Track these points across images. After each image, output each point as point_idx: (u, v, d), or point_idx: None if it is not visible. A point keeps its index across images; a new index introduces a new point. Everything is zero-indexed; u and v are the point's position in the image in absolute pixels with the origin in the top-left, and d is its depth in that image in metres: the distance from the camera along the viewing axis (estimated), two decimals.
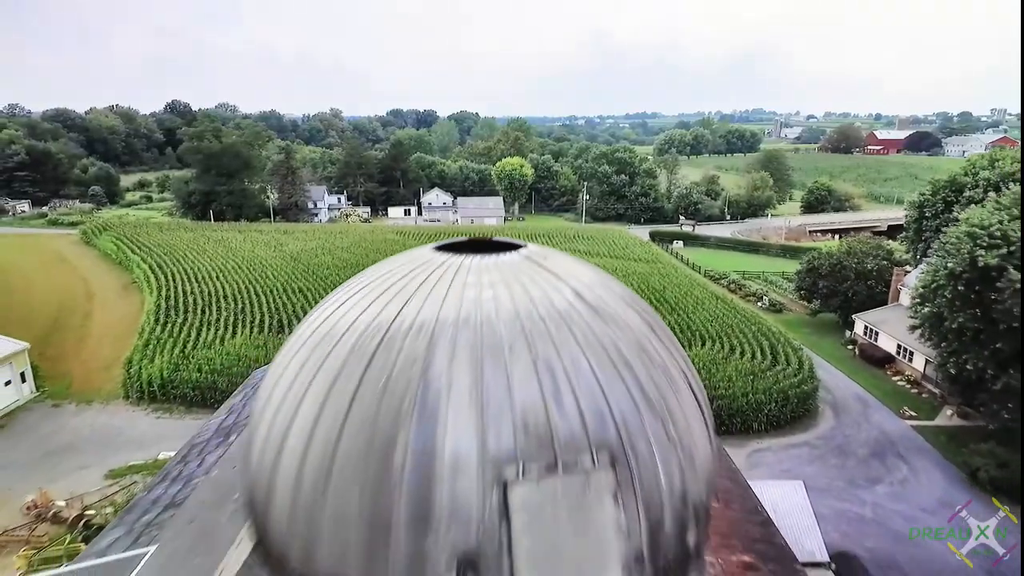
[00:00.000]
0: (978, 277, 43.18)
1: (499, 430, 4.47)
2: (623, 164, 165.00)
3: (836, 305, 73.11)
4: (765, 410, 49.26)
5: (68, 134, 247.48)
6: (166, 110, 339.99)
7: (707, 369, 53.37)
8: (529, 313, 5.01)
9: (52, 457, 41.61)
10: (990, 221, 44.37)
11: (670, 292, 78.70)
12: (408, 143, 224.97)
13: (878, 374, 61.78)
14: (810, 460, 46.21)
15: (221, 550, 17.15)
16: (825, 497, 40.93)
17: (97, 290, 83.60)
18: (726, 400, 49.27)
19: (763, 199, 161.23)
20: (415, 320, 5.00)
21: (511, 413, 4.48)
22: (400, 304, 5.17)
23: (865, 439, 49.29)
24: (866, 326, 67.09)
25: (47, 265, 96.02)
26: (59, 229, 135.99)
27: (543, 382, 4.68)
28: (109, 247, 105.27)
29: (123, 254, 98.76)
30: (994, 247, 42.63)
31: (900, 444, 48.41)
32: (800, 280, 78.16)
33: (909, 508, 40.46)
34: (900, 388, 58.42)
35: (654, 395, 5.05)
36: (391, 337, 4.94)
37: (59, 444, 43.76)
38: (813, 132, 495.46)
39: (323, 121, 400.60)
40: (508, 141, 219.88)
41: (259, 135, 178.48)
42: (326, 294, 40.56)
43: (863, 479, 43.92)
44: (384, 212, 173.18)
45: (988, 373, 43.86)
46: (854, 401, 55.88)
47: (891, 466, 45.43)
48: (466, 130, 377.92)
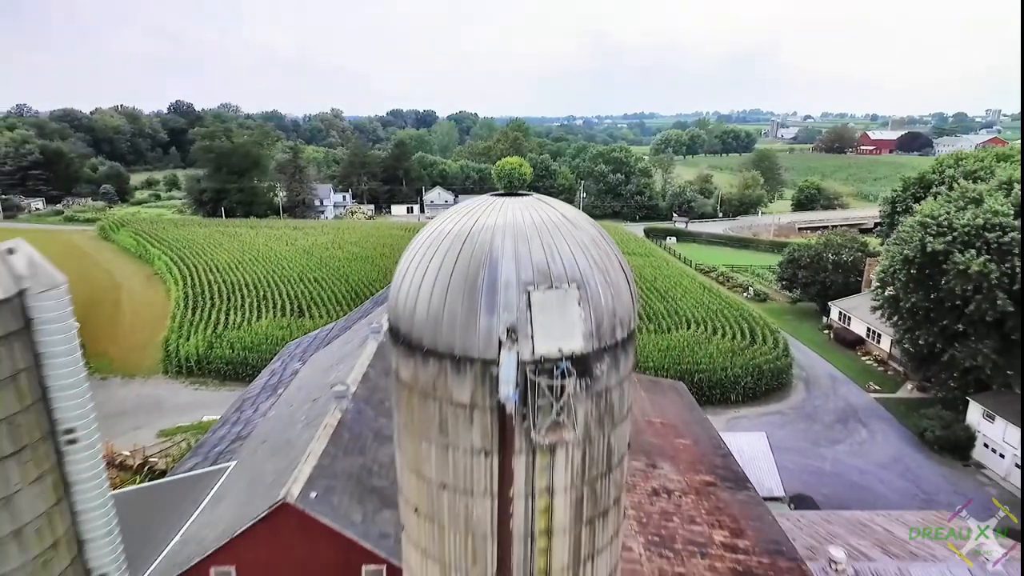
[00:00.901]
0: (928, 261, 48.73)
1: (526, 270, 9.83)
2: (619, 163, 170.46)
3: (814, 293, 78.64)
4: (742, 383, 54.75)
5: (75, 134, 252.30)
6: (170, 110, 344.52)
7: (690, 348, 58.92)
8: (537, 221, 10.41)
9: (108, 420, 46.92)
10: (939, 212, 49.99)
11: (660, 282, 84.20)
12: (410, 143, 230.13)
13: (850, 355, 67.32)
14: (781, 425, 51.69)
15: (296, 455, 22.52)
16: (792, 455, 46.44)
17: (122, 280, 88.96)
18: (707, 374, 54.81)
19: (754, 197, 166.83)
20: (484, 225, 10.33)
21: (530, 263, 9.84)
22: (475, 218, 10.55)
23: (832, 409, 54.84)
24: (840, 312, 72.64)
25: (71, 258, 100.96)
26: (75, 225, 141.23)
27: (546, 251, 10.03)
28: (128, 242, 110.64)
29: (143, 248, 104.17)
30: (941, 235, 48.20)
31: (862, 413, 53.96)
32: (782, 271, 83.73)
33: (864, 463, 45.98)
34: (868, 366, 63.97)
35: (600, 261, 10.40)
36: (472, 233, 10.26)
37: (112, 410, 49.15)
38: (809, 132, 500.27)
39: (324, 121, 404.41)
40: (507, 141, 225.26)
41: (267, 135, 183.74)
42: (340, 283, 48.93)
43: (826, 440, 49.47)
44: (387, 209, 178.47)
45: (937, 347, 49.50)
46: (825, 378, 61.43)
47: (852, 430, 50.98)
48: (465, 130, 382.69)
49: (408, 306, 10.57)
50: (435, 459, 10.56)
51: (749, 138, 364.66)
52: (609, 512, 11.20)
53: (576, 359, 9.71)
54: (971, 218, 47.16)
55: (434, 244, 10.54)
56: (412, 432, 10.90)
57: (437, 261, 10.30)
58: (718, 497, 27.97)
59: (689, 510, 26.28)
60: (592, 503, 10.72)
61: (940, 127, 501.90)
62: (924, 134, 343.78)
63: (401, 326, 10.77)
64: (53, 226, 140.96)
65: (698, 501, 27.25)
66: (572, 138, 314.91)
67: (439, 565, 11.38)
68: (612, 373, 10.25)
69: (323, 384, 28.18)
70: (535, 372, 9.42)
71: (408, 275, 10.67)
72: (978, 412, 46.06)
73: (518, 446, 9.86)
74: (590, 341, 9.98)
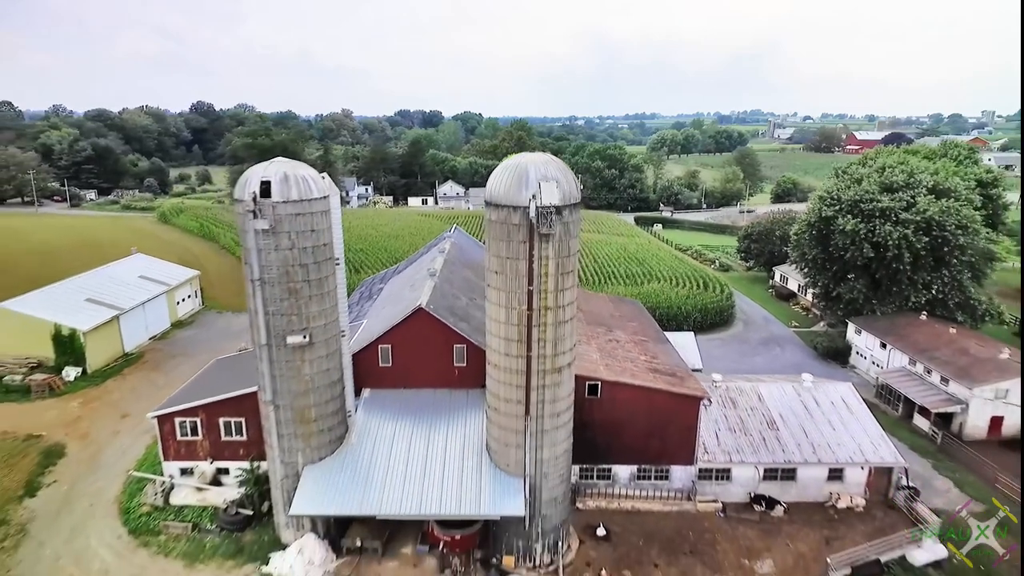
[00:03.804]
0: (823, 225, 67.39)
1: (538, 174, 28.64)
2: (614, 160, 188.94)
3: (763, 262, 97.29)
4: (692, 317, 73.46)
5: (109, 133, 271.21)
6: (192, 110, 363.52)
7: (656, 295, 77.60)
8: (543, 160, 29.37)
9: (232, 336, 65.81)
10: (832, 189, 68.71)
11: (640, 254, 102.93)
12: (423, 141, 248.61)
13: (784, 305, 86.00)
14: (720, 346, 70.27)
15: (416, 295, 41.72)
16: (725, 362, 64.80)
17: (199, 252, 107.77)
18: (669, 311, 73.48)
19: (735, 191, 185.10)
20: (523, 159, 29.52)
21: (539, 172, 28.60)
22: (522, 157, 29.74)
23: (759, 337, 73.52)
24: (780, 274, 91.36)
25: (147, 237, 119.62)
26: (132, 213, 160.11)
27: (545, 168, 28.98)
28: (192, 225, 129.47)
29: (206, 229, 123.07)
30: (831, 205, 66.86)
31: (781, 339, 72.62)
32: (740, 245, 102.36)
33: (773, 366, 64.43)
34: (795, 313, 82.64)
35: (564, 173, 29.18)
36: (520, 162, 29.42)
37: (233, 331, 67.96)
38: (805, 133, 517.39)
39: (335, 121, 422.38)
40: (512, 140, 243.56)
41: (302, 133, 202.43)
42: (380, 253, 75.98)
43: (751, 354, 68.08)
44: (404, 201, 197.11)
45: (830, 287, 68.25)
46: (760, 319, 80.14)
47: (770, 348, 69.61)
48: (470, 129, 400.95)
49: (496, 187, 29.55)
50: (504, 247, 29.44)
51: (741, 138, 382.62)
52: (567, 291, 30.01)
53: (555, 207, 28.59)
54: (852, 194, 65.78)
55: (507, 166, 29.52)
56: (494, 238, 29.84)
57: (505, 170, 29.31)
58: (647, 346, 46.93)
59: (629, 348, 45.18)
60: (564, 268, 29.54)
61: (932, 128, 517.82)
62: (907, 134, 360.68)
63: (492, 196, 29.69)
64: (113, 213, 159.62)
65: (635, 346, 46.18)
66: (572, 137, 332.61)
67: (504, 295, 30.18)
68: (569, 213, 29.16)
69: (413, 280, 47.13)
70: (540, 211, 28.31)
71: (496, 176, 29.68)
72: (852, 329, 64.80)
73: (534, 237, 28.77)
74: (560, 200, 28.91)
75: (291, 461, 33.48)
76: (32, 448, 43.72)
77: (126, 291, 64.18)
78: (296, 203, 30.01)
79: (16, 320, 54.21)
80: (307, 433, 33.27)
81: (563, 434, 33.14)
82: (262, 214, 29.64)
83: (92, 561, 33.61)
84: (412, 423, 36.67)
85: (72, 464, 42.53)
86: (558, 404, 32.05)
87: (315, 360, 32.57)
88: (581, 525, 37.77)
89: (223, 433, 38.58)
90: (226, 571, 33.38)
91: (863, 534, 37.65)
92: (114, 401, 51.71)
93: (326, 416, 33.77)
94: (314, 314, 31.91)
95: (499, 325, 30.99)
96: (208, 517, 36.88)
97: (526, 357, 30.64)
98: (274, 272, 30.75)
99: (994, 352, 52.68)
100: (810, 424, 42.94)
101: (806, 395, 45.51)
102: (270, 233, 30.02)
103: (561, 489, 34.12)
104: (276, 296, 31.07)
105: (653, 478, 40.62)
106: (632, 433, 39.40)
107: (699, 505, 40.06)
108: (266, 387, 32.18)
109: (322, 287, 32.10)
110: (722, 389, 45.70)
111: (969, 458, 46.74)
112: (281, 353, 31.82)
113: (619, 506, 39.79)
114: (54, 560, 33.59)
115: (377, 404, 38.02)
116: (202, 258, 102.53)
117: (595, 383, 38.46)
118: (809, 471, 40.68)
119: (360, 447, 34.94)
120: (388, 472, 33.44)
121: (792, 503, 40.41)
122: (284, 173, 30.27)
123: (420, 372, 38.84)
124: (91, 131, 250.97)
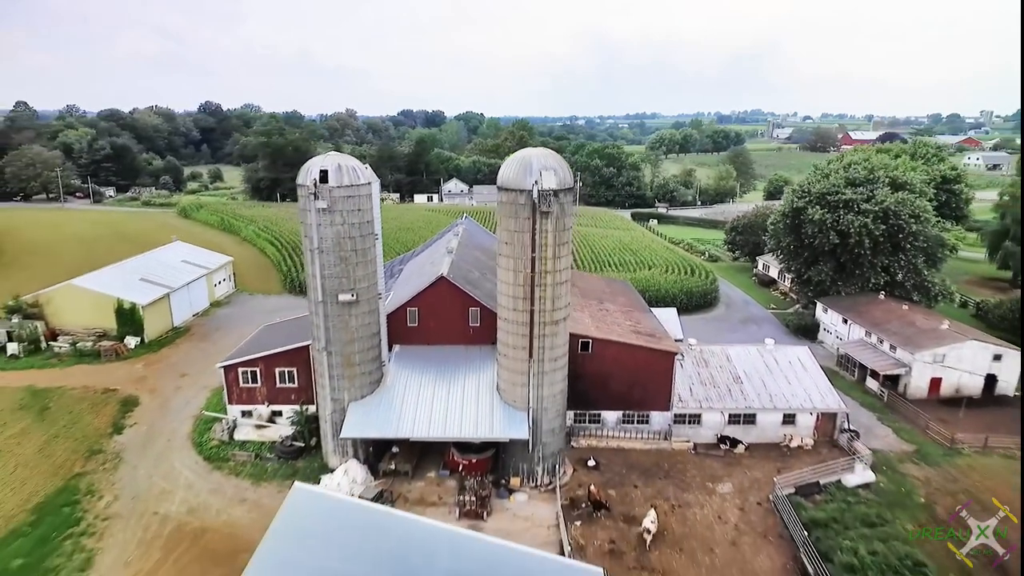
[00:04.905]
0: (795, 215, 75.13)
1: (539, 164, 36.62)
2: (612, 159, 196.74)
3: (748, 252, 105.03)
4: (679, 299, 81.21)
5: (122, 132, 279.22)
6: (200, 110, 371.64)
7: (646, 279, 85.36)
8: (543, 153, 37.14)
9: (265, 313, 73.60)
10: (804, 183, 76.46)
11: (634, 246, 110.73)
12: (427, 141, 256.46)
13: (765, 291, 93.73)
14: (703, 324, 77.94)
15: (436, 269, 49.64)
16: (705, 336, 72.40)
17: (223, 244, 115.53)
18: (657, 293, 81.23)
19: (728, 188, 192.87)
20: (527, 153, 37.49)
21: (541, 163, 36.45)
22: (523, 153, 37.65)
23: (739, 317, 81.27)
24: (763, 263, 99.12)
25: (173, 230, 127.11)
26: (152, 209, 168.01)
27: (545, 160, 36.86)
28: (212, 219, 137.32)
29: (227, 223, 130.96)
30: (802, 197, 74.62)
31: (759, 319, 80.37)
32: (726, 236, 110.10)
33: (748, 340, 72.13)
34: (774, 297, 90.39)
35: (560, 163, 37.06)
36: (524, 155, 37.33)
37: (266, 309, 75.78)
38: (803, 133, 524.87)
39: (339, 120, 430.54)
40: (514, 139, 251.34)
41: (314, 132, 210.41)
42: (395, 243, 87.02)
43: (730, 331, 75.78)
44: (411, 198, 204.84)
45: (801, 272, 76.00)
46: (741, 302, 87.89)
47: (748, 327, 77.32)
48: (472, 129, 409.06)
49: (506, 174, 37.51)
50: (511, 223, 37.34)
51: (739, 138, 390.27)
52: (562, 259, 37.89)
53: (553, 191, 36.46)
54: (820, 187, 73.50)
55: (514, 157, 37.43)
56: (504, 215, 37.78)
57: (513, 161, 37.18)
58: (633, 315, 54.75)
59: (616, 316, 53.00)
60: (560, 240, 37.42)
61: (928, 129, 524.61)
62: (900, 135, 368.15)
63: (503, 182, 37.64)
64: (134, 209, 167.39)
65: (622, 314, 54.00)
66: (573, 137, 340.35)
67: (512, 261, 38.11)
68: (564, 196, 37.02)
69: (433, 258, 54.92)
70: (541, 193, 36.14)
71: (506, 165, 37.62)
72: (820, 308, 72.55)
73: (536, 215, 36.63)
74: (557, 185, 36.78)
75: (338, 398, 41.28)
76: (111, 398, 51.60)
77: (172, 273, 72.09)
78: (347, 188, 37.81)
79: (85, 296, 62.10)
80: (352, 375, 41.07)
81: (559, 376, 40.94)
82: (321, 196, 37.43)
83: (178, 479, 41.47)
84: (435, 371, 44.49)
85: (146, 411, 50.39)
86: (555, 351, 39.85)
87: (359, 315, 40.38)
88: (575, 459, 45.51)
89: (278, 381, 46.42)
90: (285, 488, 41.06)
91: (809, 465, 45.35)
92: (172, 364, 59.59)
93: (367, 361, 41.58)
94: (359, 277, 39.72)
95: (508, 286, 38.78)
96: (267, 449, 44.71)
97: (530, 311, 38.42)
98: (329, 243, 38.54)
99: (937, 324, 60.39)
100: (769, 379, 50.71)
101: (768, 356, 53.30)
102: (326, 212, 37.81)
103: (558, 422, 41.92)
104: (330, 262, 38.87)
105: (636, 422, 48.38)
106: (618, 383, 47.13)
107: (674, 444, 47.81)
108: (320, 336, 40.00)
109: (365, 256, 39.91)
110: (696, 351, 53.50)
111: (909, 412, 54.44)
112: (333, 308, 39.62)
113: (607, 445, 47.54)
114: (147, 478, 41.44)
115: (406, 357, 45.84)
116: (226, 249, 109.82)
117: (587, 341, 46.20)
118: (767, 416, 48.41)
119: (394, 388, 42.76)
120: (417, 406, 41.27)
121: (752, 443, 48.13)
122: (338, 164, 38.06)
123: (441, 331, 46.65)
124: (104, 131, 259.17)
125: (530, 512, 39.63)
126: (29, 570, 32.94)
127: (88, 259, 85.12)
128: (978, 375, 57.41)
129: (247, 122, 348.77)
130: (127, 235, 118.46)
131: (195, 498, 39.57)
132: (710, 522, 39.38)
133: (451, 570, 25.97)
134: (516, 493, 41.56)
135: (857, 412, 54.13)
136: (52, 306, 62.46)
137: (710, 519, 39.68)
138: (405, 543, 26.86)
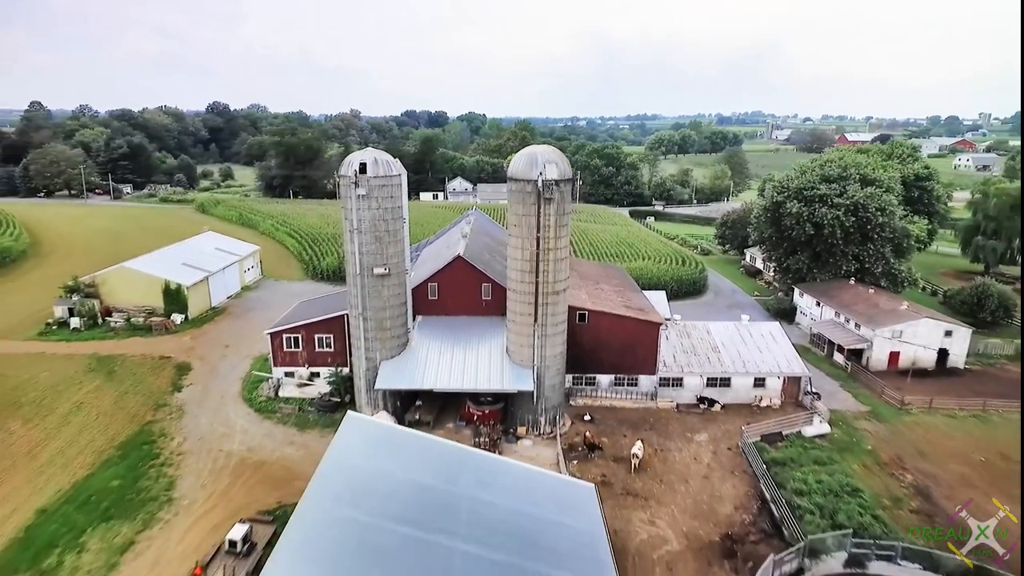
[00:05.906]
0: (775, 208, 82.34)
1: (544, 158, 43.75)
2: (611, 159, 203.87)
3: (737, 245, 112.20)
4: (670, 287, 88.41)
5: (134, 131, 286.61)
6: (208, 110, 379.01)
7: (640, 269, 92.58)
8: (548, 149, 44.41)
9: (291, 296, 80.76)
10: (784, 180, 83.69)
11: (631, 240, 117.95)
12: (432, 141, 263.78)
13: (751, 281, 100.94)
14: (692, 308, 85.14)
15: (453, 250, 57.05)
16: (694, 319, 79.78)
17: (243, 237, 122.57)
18: (649, 280, 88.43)
19: (723, 187, 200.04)
20: (535, 149, 44.85)
21: (546, 157, 43.73)
22: (530, 149, 44.96)
23: (726, 303, 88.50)
24: (750, 255, 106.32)
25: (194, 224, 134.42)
26: (169, 205, 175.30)
27: (549, 155, 44.13)
28: (229, 214, 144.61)
29: (245, 218, 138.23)
30: (782, 192, 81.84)
31: (743, 305, 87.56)
32: (717, 231, 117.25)
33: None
34: (759, 286, 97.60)
35: (561, 158, 44.31)
36: (532, 151, 44.66)
37: (292, 292, 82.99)
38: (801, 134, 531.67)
39: (344, 120, 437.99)
40: (516, 139, 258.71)
41: (325, 132, 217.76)
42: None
43: (716, 315, 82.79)
44: (416, 196, 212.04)
45: (781, 261, 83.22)
46: (728, 290, 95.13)
47: (733, 311, 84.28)
48: (475, 129, 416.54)
49: (515, 166, 44.91)
50: (520, 208, 44.66)
51: (737, 139, 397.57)
52: (562, 238, 45.22)
53: (555, 181, 43.73)
54: (798, 183, 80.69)
55: (522, 153, 44.74)
56: (513, 202, 45.14)
57: (521, 155, 44.50)
58: (625, 293, 62.00)
59: (610, 294, 60.24)
60: (561, 222, 44.69)
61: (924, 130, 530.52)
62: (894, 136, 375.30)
63: (513, 173, 45.01)
64: (152, 205, 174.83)
65: (615, 293, 61.25)
66: (573, 137, 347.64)
67: (520, 240, 45.46)
68: (564, 185, 44.30)
69: (448, 242, 62.15)
70: (545, 183, 43.42)
71: (515, 159, 45.00)
72: (797, 293, 79.74)
73: (540, 201, 43.90)
74: (559, 176, 44.07)
75: (371, 357, 48.48)
76: (167, 364, 58.87)
77: (209, 259, 79.37)
78: (382, 177, 45.02)
79: (136, 277, 69.40)
80: (384, 337, 48.28)
81: (559, 340, 48.16)
82: (360, 185, 44.63)
83: (234, 425, 48.73)
84: (453, 337, 51.71)
85: (199, 374, 57.65)
86: (556, 317, 47.06)
87: (390, 286, 47.58)
88: (573, 414, 52.71)
89: (316, 346, 53.67)
90: (327, 434, 48.31)
91: (774, 419, 52.58)
92: (215, 337, 66.87)
93: (396, 326, 48.81)
94: (390, 254, 46.91)
95: (517, 261, 45.98)
96: (307, 404, 51.93)
97: (535, 283, 45.60)
98: (366, 224, 45.73)
99: (897, 306, 67.58)
100: (743, 348, 57.93)
101: (743, 330, 60.54)
102: (364, 198, 45.00)
103: (558, 380, 49.14)
104: (367, 241, 46.06)
105: (626, 384, 55.56)
106: (610, 350, 54.30)
107: (659, 403, 55.00)
108: (358, 304, 47.22)
109: (396, 236, 47.11)
110: (680, 326, 60.74)
111: (868, 380, 61.62)
112: (369, 280, 46.81)
113: (601, 404, 54.73)
114: (209, 425, 48.71)
115: (428, 325, 53.09)
116: (248, 241, 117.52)
117: (583, 312, 53.38)
118: (740, 380, 55.59)
119: (418, 349, 50.01)
120: (439, 364, 48.54)
121: (728, 404, 55.30)
122: (374, 158, 45.29)
123: (457, 303, 53.86)
124: (118, 130, 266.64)
125: (534, 454, 46.81)
126: (126, 489, 40.20)
127: (119, 250, 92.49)
128: (932, 349, 64.64)
129: (254, 122, 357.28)
130: (150, 228, 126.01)
131: (252, 440, 46.85)
132: (687, 462, 46.60)
133: (478, 478, 33.17)
134: (523, 440, 48.76)
135: (823, 381, 61.30)
136: (107, 286, 69.81)
137: (687, 460, 46.89)
138: (440, 456, 34.14)
